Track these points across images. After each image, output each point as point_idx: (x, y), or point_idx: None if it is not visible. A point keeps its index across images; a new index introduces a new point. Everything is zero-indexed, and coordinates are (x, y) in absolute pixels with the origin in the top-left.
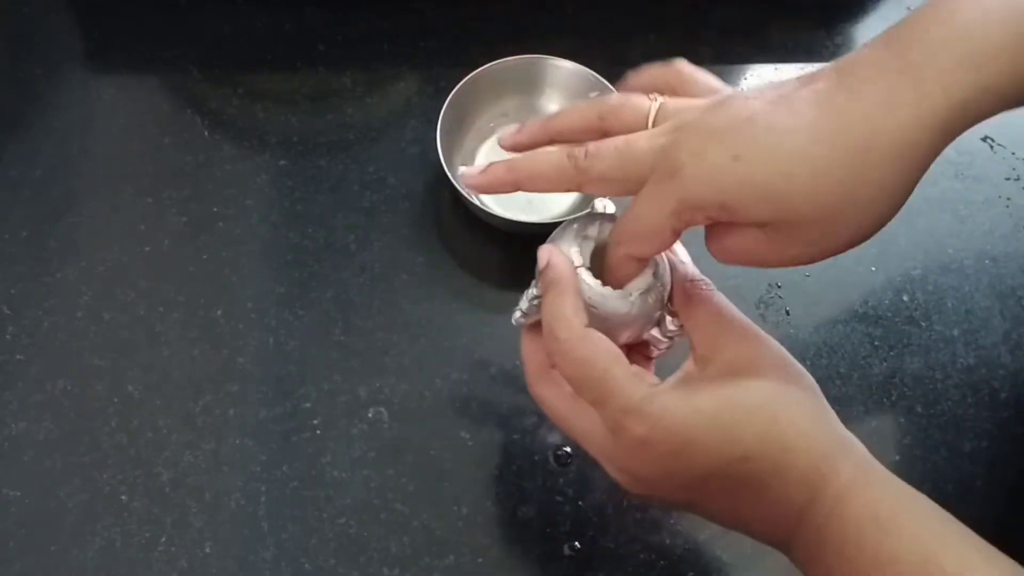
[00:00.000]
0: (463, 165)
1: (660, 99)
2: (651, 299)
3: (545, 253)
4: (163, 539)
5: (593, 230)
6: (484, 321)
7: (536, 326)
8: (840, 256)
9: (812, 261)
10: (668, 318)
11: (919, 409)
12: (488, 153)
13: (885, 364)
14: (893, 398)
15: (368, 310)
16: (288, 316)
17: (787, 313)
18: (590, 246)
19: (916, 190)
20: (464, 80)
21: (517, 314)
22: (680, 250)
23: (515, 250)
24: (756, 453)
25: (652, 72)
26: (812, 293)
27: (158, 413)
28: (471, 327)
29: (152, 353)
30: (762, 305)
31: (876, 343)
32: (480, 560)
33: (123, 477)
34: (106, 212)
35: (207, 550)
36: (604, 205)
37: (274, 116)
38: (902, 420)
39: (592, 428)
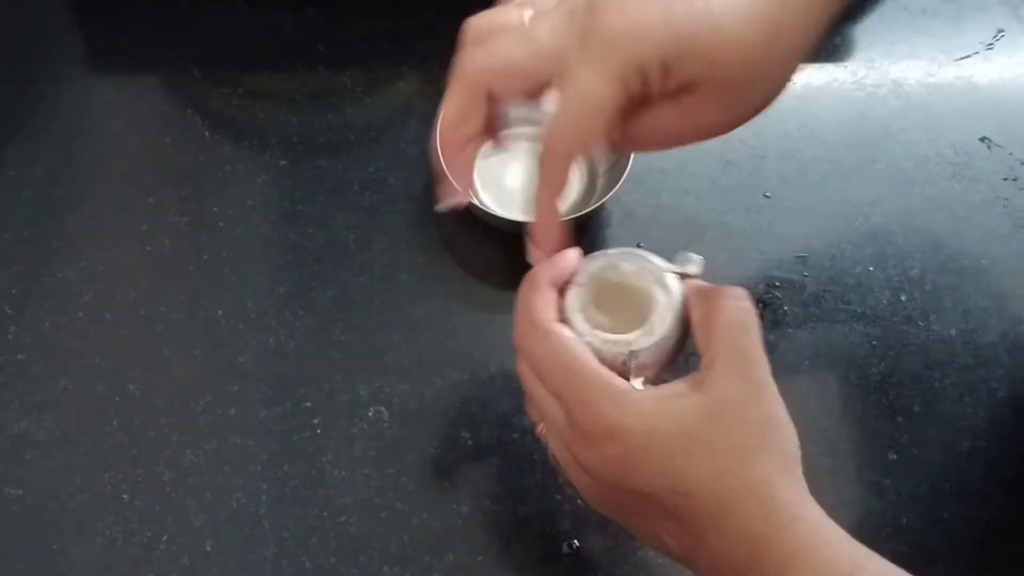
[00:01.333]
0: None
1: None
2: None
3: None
4: (164, 538)
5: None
6: (484, 321)
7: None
8: (839, 256)
9: (728, 127)
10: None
11: (917, 408)
12: (488, 153)
13: (883, 364)
14: (891, 397)
15: (368, 310)
16: (288, 316)
17: (785, 313)
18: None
19: (915, 190)
20: None
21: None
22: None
23: (515, 250)
24: (699, 494)
25: None
26: (810, 293)
27: (159, 412)
28: (471, 327)
29: (153, 353)
30: (761, 305)
31: (874, 343)
32: (480, 558)
33: (124, 476)
34: (107, 212)
35: (208, 549)
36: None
37: (274, 116)
38: (900, 419)
39: (553, 413)
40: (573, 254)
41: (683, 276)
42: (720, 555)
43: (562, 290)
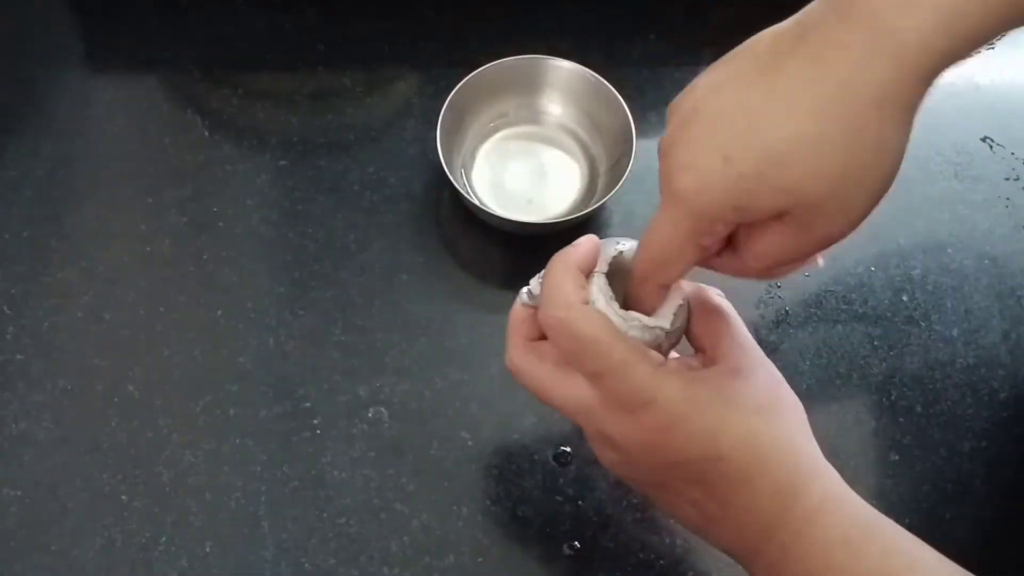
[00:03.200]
0: (463, 165)
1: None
2: (677, 324)
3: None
4: (163, 539)
5: (608, 257)
6: (484, 321)
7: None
8: (840, 256)
9: (843, 234)
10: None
11: (918, 409)
12: (488, 153)
13: (884, 364)
14: (892, 398)
15: (368, 310)
16: (288, 316)
17: (787, 313)
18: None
19: (917, 190)
20: (464, 80)
21: (524, 295)
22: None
23: (515, 250)
24: (732, 456)
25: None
26: (811, 293)
27: (158, 413)
28: (471, 327)
29: (152, 353)
30: (762, 305)
31: (875, 343)
32: (480, 560)
33: (123, 477)
34: (106, 212)
35: (207, 549)
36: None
37: (274, 116)
38: (901, 420)
39: (578, 394)
40: (595, 239)
41: None
42: (749, 513)
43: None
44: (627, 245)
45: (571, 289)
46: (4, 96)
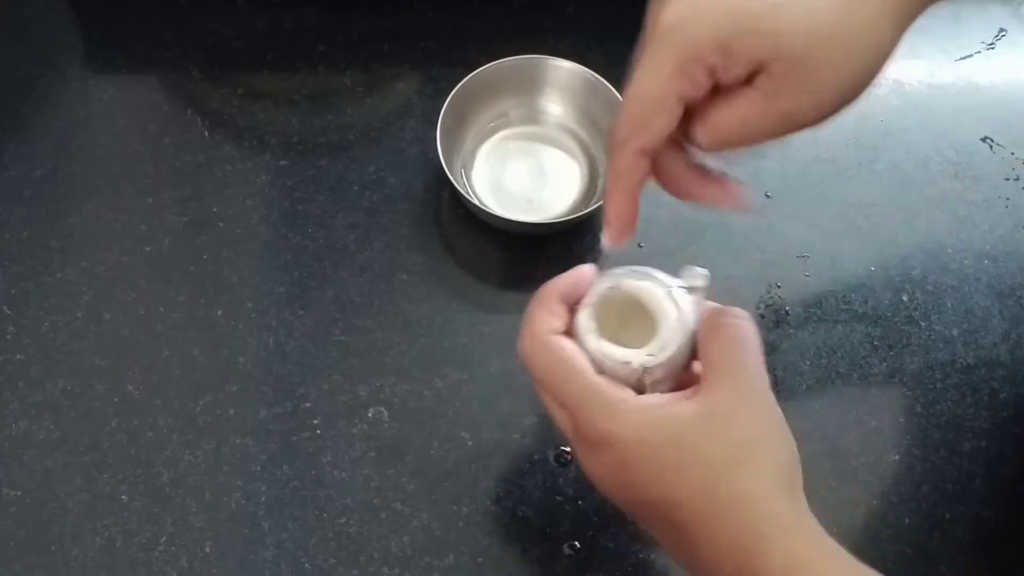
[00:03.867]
0: (463, 165)
1: None
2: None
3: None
4: (163, 538)
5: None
6: (484, 321)
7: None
8: (840, 256)
9: (806, 116)
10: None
11: (918, 409)
12: (488, 153)
13: (885, 364)
14: (892, 398)
15: (368, 310)
16: (288, 316)
17: (787, 313)
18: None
19: (917, 190)
20: (464, 80)
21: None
22: None
23: (515, 250)
24: (688, 505)
25: None
26: (812, 293)
27: (158, 413)
28: (471, 327)
29: (152, 353)
30: (762, 305)
31: (876, 343)
32: (480, 560)
33: (123, 477)
34: (106, 212)
35: (207, 549)
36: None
37: (274, 116)
38: (901, 420)
39: (560, 417)
40: (587, 270)
41: (690, 290)
42: (711, 566)
43: (572, 309)
44: (625, 280)
45: (539, 318)
46: (4, 96)
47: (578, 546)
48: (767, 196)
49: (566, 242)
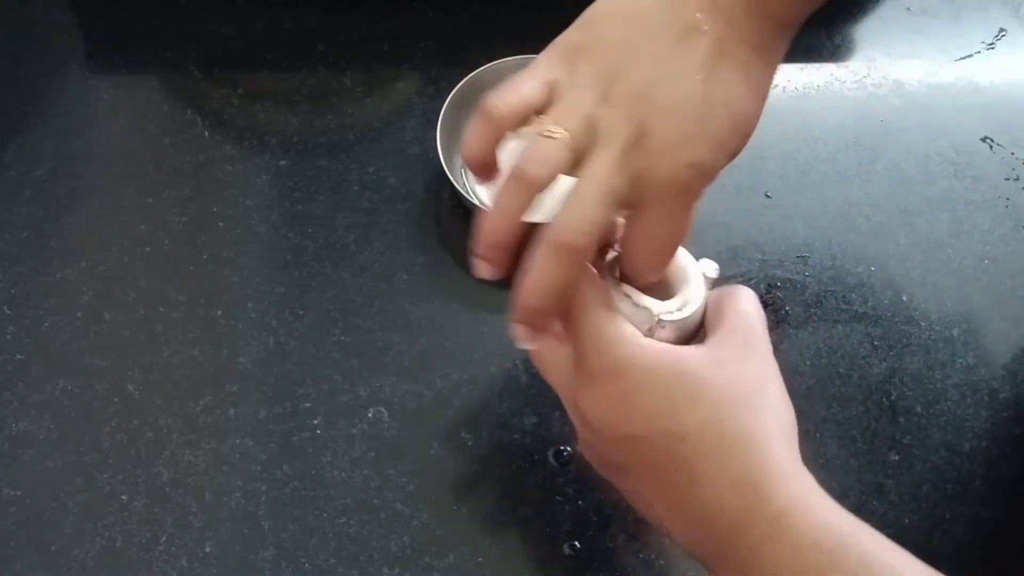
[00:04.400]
0: (463, 166)
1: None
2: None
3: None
4: (163, 538)
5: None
6: (484, 321)
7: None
8: (840, 256)
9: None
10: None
11: (918, 409)
12: None
13: (884, 364)
14: (892, 398)
15: (368, 310)
16: (288, 316)
17: (786, 313)
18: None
19: (916, 190)
20: (464, 80)
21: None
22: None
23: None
24: (694, 439)
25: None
26: (812, 293)
27: (158, 413)
28: (471, 327)
29: (152, 353)
30: (761, 305)
31: (875, 343)
32: (480, 559)
33: (123, 477)
34: (107, 212)
35: (207, 549)
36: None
37: (274, 116)
38: (901, 420)
39: (558, 361)
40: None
41: (704, 279)
42: (710, 504)
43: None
44: None
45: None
46: (4, 96)
47: (578, 546)
48: (767, 196)
49: None
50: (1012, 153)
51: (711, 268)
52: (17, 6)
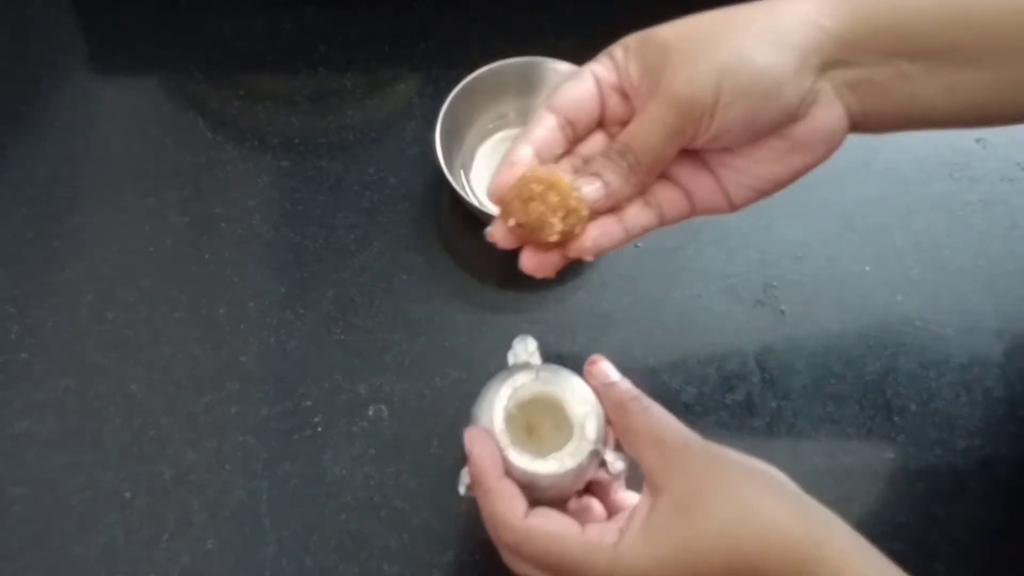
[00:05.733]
0: (463, 166)
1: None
2: (585, 451)
3: (468, 441)
4: (165, 536)
5: (513, 384)
6: (483, 320)
7: None
8: (836, 256)
9: (689, 106)
10: (611, 456)
11: (913, 407)
12: (488, 154)
13: (880, 363)
14: (888, 396)
15: (368, 309)
16: (289, 315)
17: (782, 313)
18: (513, 406)
19: (912, 190)
20: (464, 81)
21: (462, 489)
22: (607, 369)
23: (514, 250)
24: (731, 574)
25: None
26: (808, 293)
27: (160, 411)
28: (471, 326)
29: (155, 352)
30: (759, 305)
31: (871, 342)
32: (478, 557)
33: (126, 475)
34: (109, 212)
35: (209, 547)
36: (526, 345)
37: (275, 117)
38: (897, 419)
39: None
40: (491, 445)
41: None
42: None
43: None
44: (519, 381)
45: (504, 509)
46: (7, 97)
47: None
48: None
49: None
50: (1007, 154)
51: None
52: (18, 6)
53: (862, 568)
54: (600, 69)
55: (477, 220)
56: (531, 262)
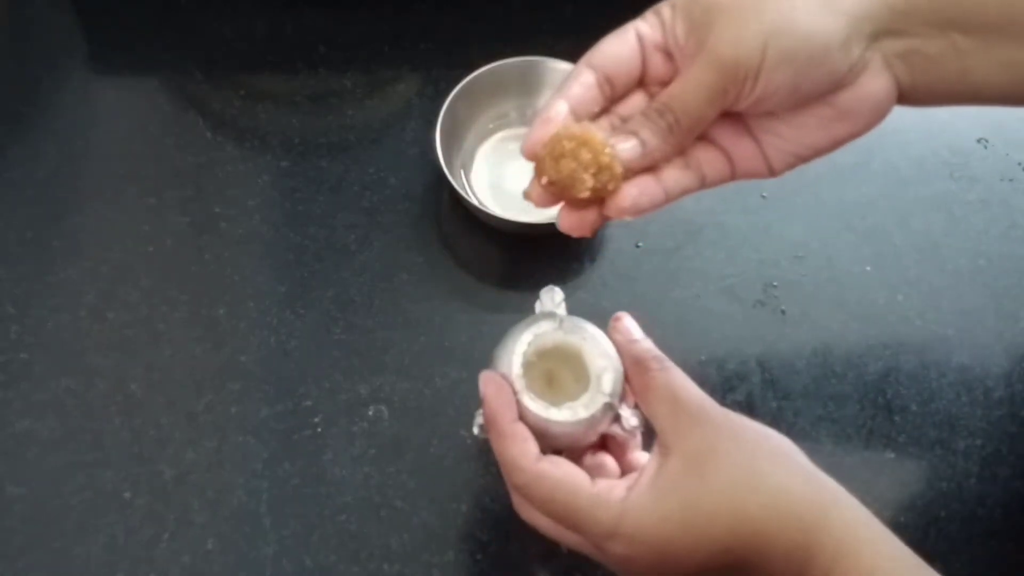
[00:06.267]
0: (463, 166)
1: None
2: (599, 403)
3: (482, 384)
4: (166, 536)
5: (535, 331)
6: (483, 320)
7: None
8: (836, 256)
9: (734, 63)
10: (626, 412)
11: (913, 407)
12: (487, 154)
13: (880, 363)
14: (888, 396)
15: (368, 309)
16: (289, 315)
17: (783, 313)
18: (532, 353)
19: (912, 190)
20: (464, 82)
21: (476, 429)
22: (631, 326)
23: (514, 250)
24: (734, 543)
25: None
26: (808, 293)
27: (161, 411)
28: (470, 326)
29: (155, 352)
30: (759, 305)
31: (871, 342)
32: (478, 557)
33: (126, 475)
34: (109, 212)
35: (209, 547)
36: (552, 296)
37: (275, 117)
38: (897, 419)
39: (582, 543)
40: (492, 384)
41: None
42: None
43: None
44: (541, 328)
45: (517, 451)
46: (7, 97)
47: None
48: (763, 196)
49: (565, 242)
50: (1007, 154)
51: (558, 295)
52: (19, 7)
53: (866, 537)
54: (645, 27)
55: (477, 220)
56: (568, 220)
